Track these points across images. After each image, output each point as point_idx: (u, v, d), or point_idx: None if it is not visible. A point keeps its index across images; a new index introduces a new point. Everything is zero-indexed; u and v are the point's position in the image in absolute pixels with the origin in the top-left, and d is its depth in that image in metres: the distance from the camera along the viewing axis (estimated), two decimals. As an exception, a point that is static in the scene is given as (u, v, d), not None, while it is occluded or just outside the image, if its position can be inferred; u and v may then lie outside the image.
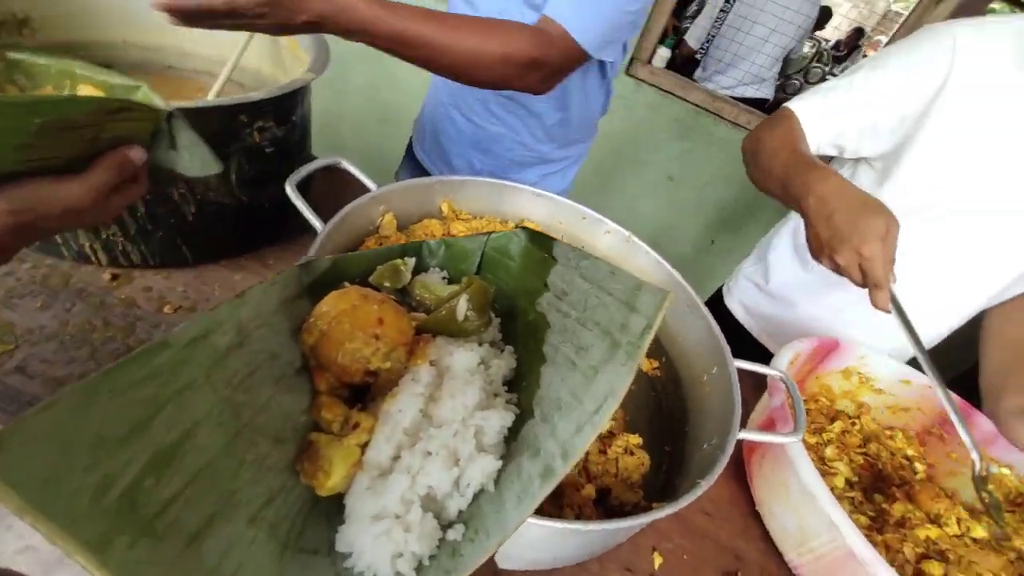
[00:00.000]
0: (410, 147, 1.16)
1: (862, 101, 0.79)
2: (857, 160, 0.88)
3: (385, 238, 0.71)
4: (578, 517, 0.51)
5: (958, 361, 1.03)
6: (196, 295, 0.64)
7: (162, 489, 0.22)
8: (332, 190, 0.76)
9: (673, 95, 1.66)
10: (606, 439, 0.60)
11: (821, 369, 0.85)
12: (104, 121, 0.33)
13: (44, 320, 0.55)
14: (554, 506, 0.52)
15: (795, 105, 0.83)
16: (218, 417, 0.26)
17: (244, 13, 0.49)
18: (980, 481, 0.71)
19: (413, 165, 1.14)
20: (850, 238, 0.60)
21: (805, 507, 0.59)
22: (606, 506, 0.55)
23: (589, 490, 0.53)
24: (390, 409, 0.33)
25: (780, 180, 0.74)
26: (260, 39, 0.82)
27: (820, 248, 0.65)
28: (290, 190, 0.58)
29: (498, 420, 0.33)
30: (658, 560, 0.59)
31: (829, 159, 0.92)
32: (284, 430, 0.30)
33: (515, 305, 0.47)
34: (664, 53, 1.65)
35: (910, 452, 0.86)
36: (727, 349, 0.69)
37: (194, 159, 0.42)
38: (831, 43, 3.76)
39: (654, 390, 0.78)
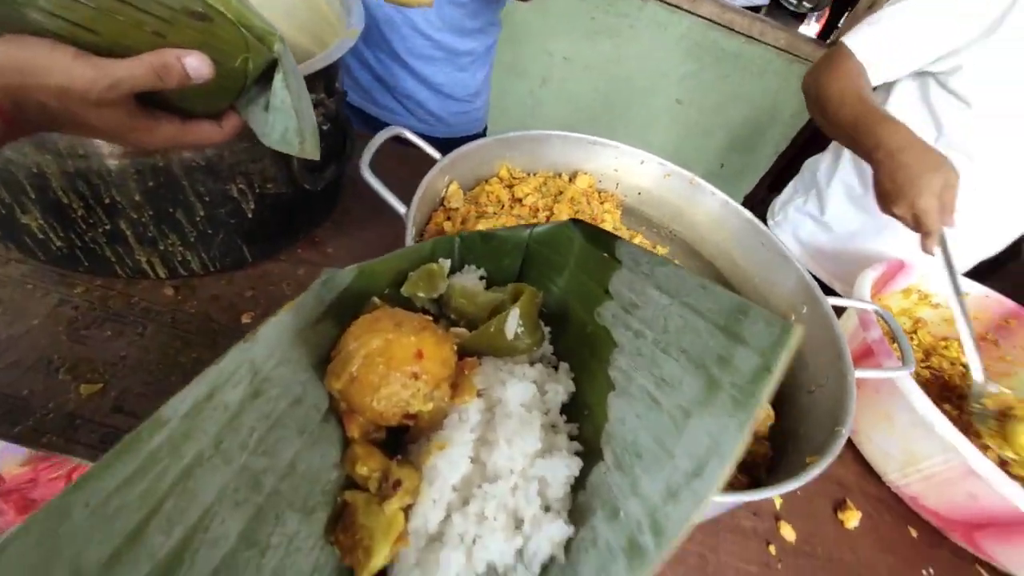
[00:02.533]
0: None
1: (925, 26, 0.76)
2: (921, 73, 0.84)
3: (454, 210, 0.66)
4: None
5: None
6: (267, 298, 0.59)
7: None
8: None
9: (680, 8, 1.55)
10: None
11: (885, 291, 0.86)
12: (179, 20, 0.27)
13: (121, 349, 0.50)
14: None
15: (853, 43, 0.81)
16: (233, 496, 0.22)
17: None
18: (976, 395, 0.73)
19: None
20: (907, 193, 0.65)
21: (915, 433, 0.61)
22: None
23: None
24: (436, 464, 0.28)
25: (848, 131, 0.76)
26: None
27: (882, 199, 0.70)
28: (366, 172, 0.52)
29: (564, 469, 0.28)
30: (778, 501, 0.61)
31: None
32: (313, 494, 0.25)
33: (567, 311, 0.39)
34: (669, -37, 1.51)
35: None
36: (816, 287, 0.68)
37: (287, 129, 0.34)
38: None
39: (730, 332, 0.77)
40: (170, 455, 0.20)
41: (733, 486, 0.51)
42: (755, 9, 1.78)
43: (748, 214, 0.77)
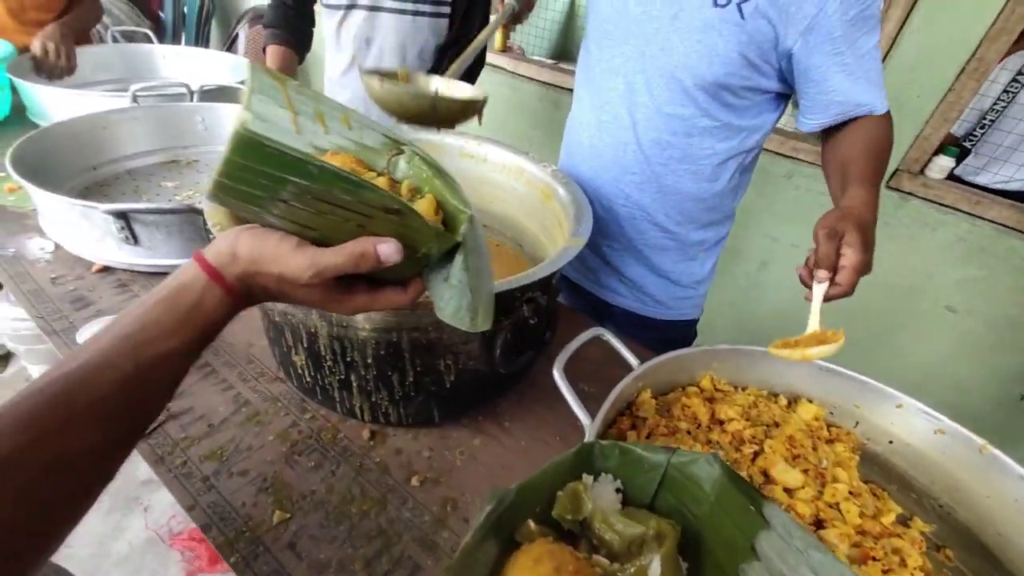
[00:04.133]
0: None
1: None
2: None
3: (641, 419, 0.60)
4: None
5: None
6: (439, 463, 0.61)
7: None
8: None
9: (958, 210, 1.32)
10: None
11: None
12: (377, 215, 0.32)
13: (315, 483, 0.56)
14: None
15: None
16: None
17: None
18: None
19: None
20: None
21: None
22: None
23: None
24: None
25: None
26: (504, 189, 0.86)
27: None
28: (558, 377, 0.52)
29: None
30: None
31: None
32: None
33: (706, 551, 0.39)
34: (945, 163, 1.33)
35: None
36: None
37: (459, 307, 0.38)
38: None
39: None
40: None
41: None
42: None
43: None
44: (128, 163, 1.08)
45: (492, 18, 0.84)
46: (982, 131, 1.57)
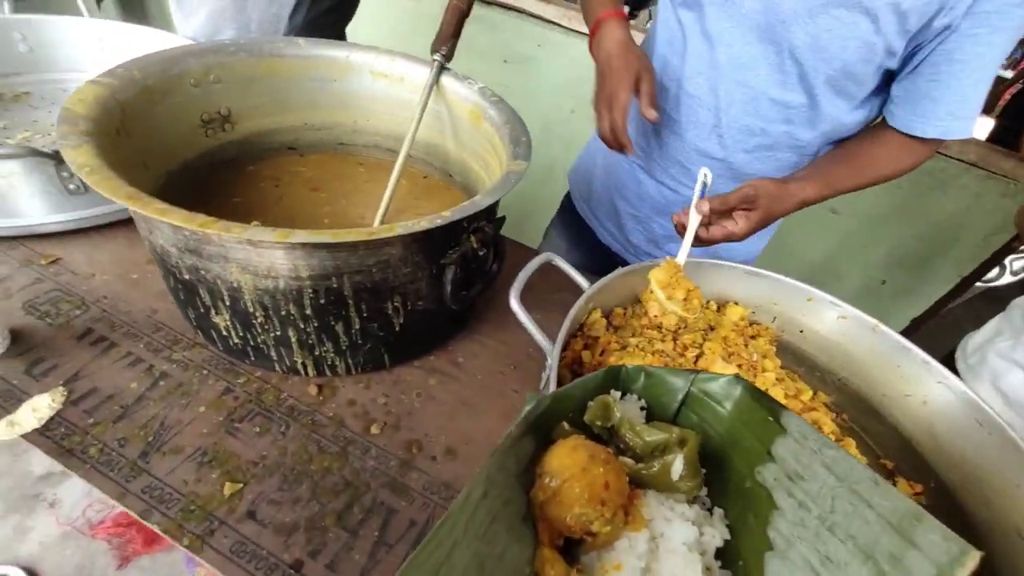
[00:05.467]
0: (567, 200, 1.07)
1: None
2: None
3: (593, 339, 0.62)
4: None
5: None
6: (398, 408, 0.59)
7: None
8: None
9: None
10: None
11: None
12: None
13: (264, 448, 0.52)
14: None
15: None
16: (468, 572, 0.27)
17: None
18: None
19: (570, 221, 1.04)
20: None
21: None
22: None
23: None
24: None
25: None
26: (427, 112, 0.79)
27: None
28: (516, 305, 0.51)
29: None
30: None
31: None
32: None
33: (725, 460, 0.42)
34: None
35: None
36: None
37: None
38: None
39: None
40: (447, 536, 0.27)
41: None
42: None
43: (957, 382, 0.62)
44: (-76, 100, 0.83)
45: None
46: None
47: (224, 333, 0.54)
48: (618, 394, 0.43)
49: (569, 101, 1.74)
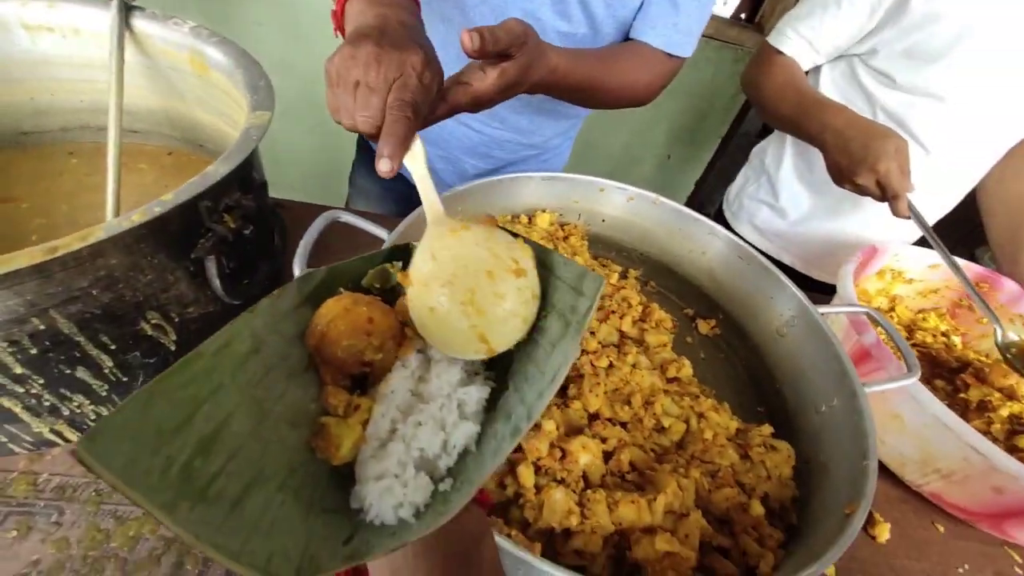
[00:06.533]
0: (363, 144, 0.98)
1: (839, 17, 0.80)
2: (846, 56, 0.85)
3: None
4: (758, 541, 0.47)
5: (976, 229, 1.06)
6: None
7: (208, 466, 0.27)
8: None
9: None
10: (717, 423, 0.55)
11: (860, 277, 0.85)
12: None
13: (32, 551, 0.40)
14: (728, 535, 0.47)
15: (777, 41, 0.86)
16: (245, 409, 0.31)
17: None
18: (1004, 347, 0.75)
19: (370, 165, 0.96)
20: (865, 159, 0.69)
21: (929, 434, 0.59)
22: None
23: (757, 507, 0.48)
24: (384, 391, 0.37)
25: (792, 120, 0.82)
26: (134, 72, 0.62)
27: (840, 174, 0.73)
28: (299, 272, 0.44)
29: (476, 393, 0.37)
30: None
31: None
32: (299, 417, 0.34)
33: None
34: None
35: (944, 327, 0.90)
36: (805, 298, 0.65)
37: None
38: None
39: (720, 351, 0.74)
40: (205, 378, 0.29)
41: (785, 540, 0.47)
42: None
43: (721, 229, 0.73)
44: None
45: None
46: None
47: (-102, 437, 0.38)
48: (399, 264, 0.44)
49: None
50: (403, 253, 0.44)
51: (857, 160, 0.69)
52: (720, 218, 1.13)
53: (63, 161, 0.69)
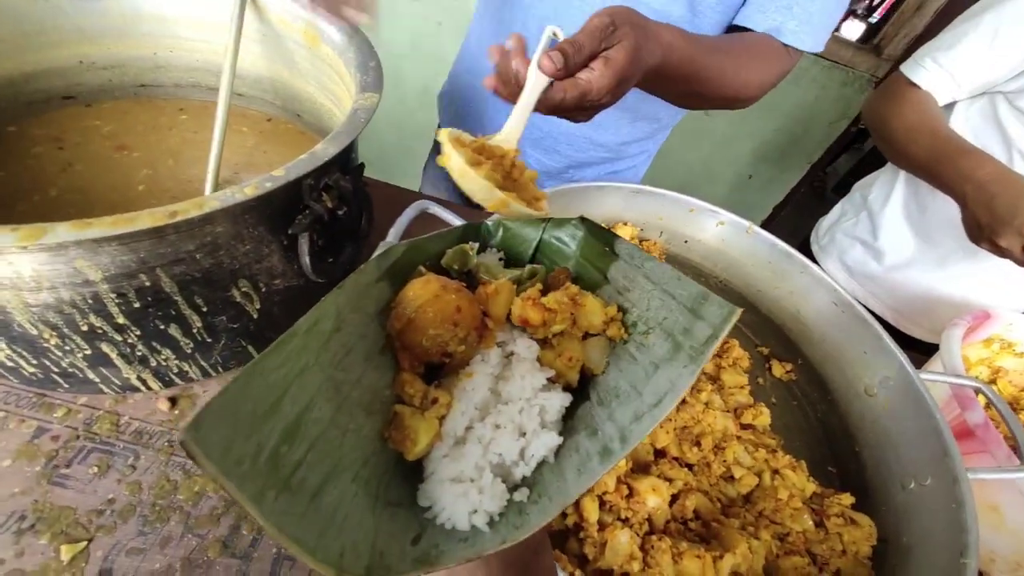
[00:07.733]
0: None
1: (995, 48, 0.71)
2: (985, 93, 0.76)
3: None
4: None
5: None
6: (278, 402, 0.51)
7: (292, 453, 0.27)
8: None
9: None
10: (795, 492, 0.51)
11: (966, 342, 0.77)
12: None
13: (108, 490, 0.42)
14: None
15: (913, 72, 0.77)
16: (325, 393, 0.30)
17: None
18: None
19: None
20: (1013, 220, 0.62)
21: (1034, 537, 0.52)
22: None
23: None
24: (465, 387, 0.36)
25: (924, 165, 0.74)
26: (249, 37, 0.63)
27: (979, 232, 0.66)
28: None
29: (558, 400, 0.36)
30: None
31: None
32: (374, 403, 0.34)
33: None
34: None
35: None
36: (906, 360, 0.59)
37: None
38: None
39: (794, 398, 0.69)
40: (296, 358, 0.28)
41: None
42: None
43: (817, 270, 0.68)
44: None
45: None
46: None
47: (10, 364, 0.41)
48: (476, 245, 0.44)
49: (436, 11, 1.55)
50: (476, 233, 0.47)
51: (1002, 219, 0.62)
52: (805, 250, 1.05)
53: (174, 116, 0.72)
